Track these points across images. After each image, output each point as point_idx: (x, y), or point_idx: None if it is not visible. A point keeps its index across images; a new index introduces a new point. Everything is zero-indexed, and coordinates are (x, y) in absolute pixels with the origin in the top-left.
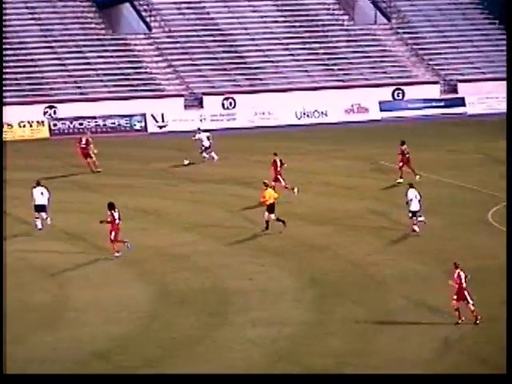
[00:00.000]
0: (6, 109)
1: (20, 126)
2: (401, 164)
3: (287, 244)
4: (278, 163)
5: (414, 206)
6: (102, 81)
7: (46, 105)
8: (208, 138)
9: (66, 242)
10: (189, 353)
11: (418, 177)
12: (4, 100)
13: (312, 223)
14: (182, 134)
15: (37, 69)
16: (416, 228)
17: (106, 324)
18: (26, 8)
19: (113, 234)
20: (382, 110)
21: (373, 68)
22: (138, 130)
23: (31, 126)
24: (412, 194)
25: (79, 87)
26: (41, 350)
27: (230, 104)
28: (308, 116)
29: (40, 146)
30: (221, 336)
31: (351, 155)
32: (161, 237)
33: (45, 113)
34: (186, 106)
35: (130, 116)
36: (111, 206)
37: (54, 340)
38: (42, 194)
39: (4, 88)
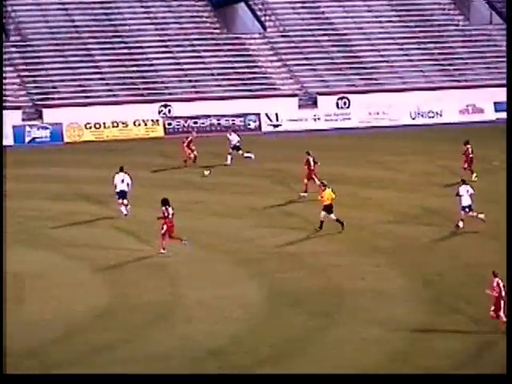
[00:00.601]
0: (121, 108)
1: (135, 125)
2: (466, 165)
3: (397, 244)
4: (312, 162)
5: (465, 201)
6: (216, 80)
7: (161, 104)
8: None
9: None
10: (301, 353)
11: (474, 175)
12: (120, 99)
13: (423, 224)
14: (296, 133)
15: (152, 68)
16: (460, 224)
17: (219, 323)
18: (142, 7)
19: (164, 228)
20: (497, 111)
21: (488, 68)
22: (252, 129)
23: (146, 124)
24: (463, 189)
25: (194, 86)
26: (155, 347)
27: (345, 104)
28: (422, 116)
29: (154, 145)
30: (334, 336)
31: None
32: (273, 236)
33: (159, 112)
34: (300, 106)
35: (245, 115)
36: (165, 202)
37: (168, 337)
38: (122, 181)
39: (120, 87)
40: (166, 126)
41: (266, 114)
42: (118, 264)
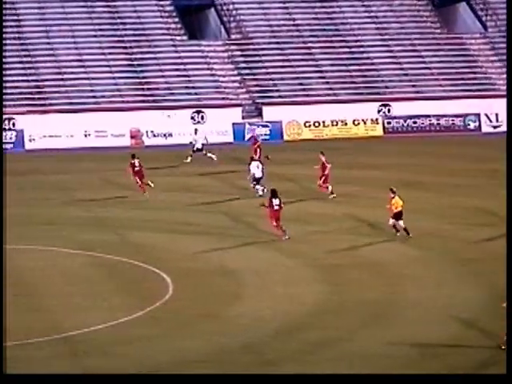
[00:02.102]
0: (340, 106)
1: (354, 124)
2: None
3: None
4: (325, 162)
5: None
6: (436, 80)
7: (381, 103)
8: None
9: (401, 241)
10: None
11: None
12: (340, 98)
13: None
14: None
15: (372, 67)
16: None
17: (435, 323)
18: (363, 6)
19: (272, 219)
20: None
21: None
22: (471, 130)
23: (365, 123)
24: None
25: (414, 86)
26: (372, 345)
27: None
28: None
29: (373, 144)
30: None
31: None
32: (491, 238)
33: (379, 111)
34: None
35: (464, 115)
36: (273, 193)
37: (384, 336)
38: (257, 167)
39: (340, 86)
40: (386, 126)
41: (486, 115)
42: (334, 262)
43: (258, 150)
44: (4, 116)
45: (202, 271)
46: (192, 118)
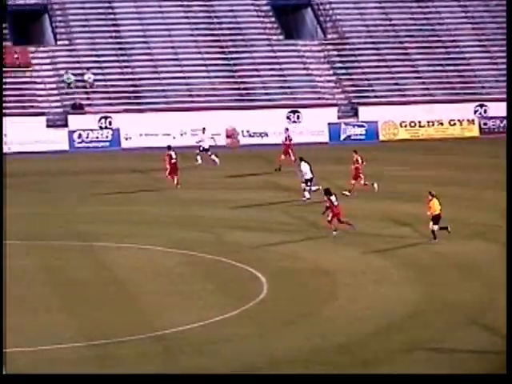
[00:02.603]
0: (436, 107)
1: (450, 125)
2: None
3: None
4: (360, 160)
5: None
6: None
7: (477, 103)
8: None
9: (485, 240)
10: None
11: None
12: (436, 98)
13: None
14: None
15: (469, 67)
16: None
17: None
18: (459, 7)
19: (330, 216)
20: None
21: None
22: None
23: (461, 124)
24: None
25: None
26: (464, 349)
27: None
28: None
29: (469, 145)
30: None
31: None
32: None
33: (475, 111)
34: None
35: None
36: (327, 192)
37: (475, 340)
38: (308, 167)
39: (436, 86)
40: (482, 126)
41: None
42: (429, 263)
43: (291, 151)
44: (101, 115)
45: (297, 271)
46: (288, 117)
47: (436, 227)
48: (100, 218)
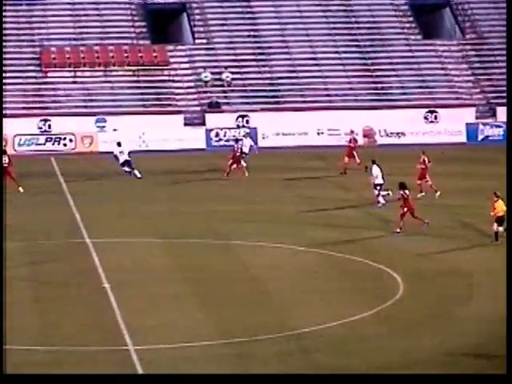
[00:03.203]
0: None
1: None
2: None
3: None
4: (426, 161)
5: None
6: None
7: None
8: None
9: None
10: None
11: None
12: None
13: None
14: None
15: None
16: None
17: None
18: None
19: (404, 210)
20: None
21: None
22: None
23: None
24: None
25: None
26: None
27: None
28: None
29: None
30: None
31: None
32: None
33: None
34: None
35: None
36: (402, 186)
37: None
38: (379, 173)
39: None
40: None
41: None
42: None
43: (355, 153)
44: (238, 113)
45: (433, 271)
46: (425, 117)
47: (501, 229)
48: (235, 217)
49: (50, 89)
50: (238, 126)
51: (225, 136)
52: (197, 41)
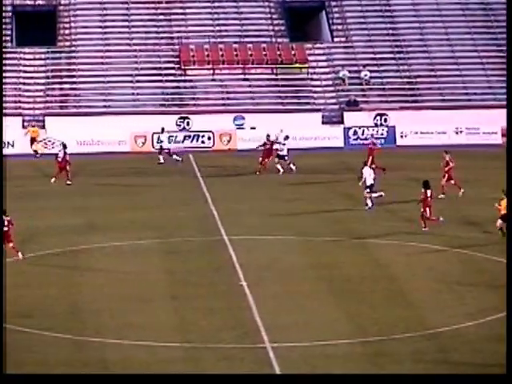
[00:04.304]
0: None
1: None
2: None
3: None
4: (450, 162)
5: None
6: None
7: None
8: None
9: None
10: None
11: None
12: None
13: None
14: None
15: None
16: None
17: None
18: None
19: (427, 210)
20: None
21: None
22: None
23: None
24: None
25: None
26: None
27: None
28: None
29: None
30: None
31: None
32: None
33: None
34: None
35: None
36: (425, 184)
37: None
38: (370, 174)
39: None
40: None
41: None
42: None
43: (371, 156)
44: (376, 112)
45: None
46: None
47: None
48: (369, 216)
49: (189, 86)
50: (376, 125)
51: (363, 134)
52: (335, 39)
